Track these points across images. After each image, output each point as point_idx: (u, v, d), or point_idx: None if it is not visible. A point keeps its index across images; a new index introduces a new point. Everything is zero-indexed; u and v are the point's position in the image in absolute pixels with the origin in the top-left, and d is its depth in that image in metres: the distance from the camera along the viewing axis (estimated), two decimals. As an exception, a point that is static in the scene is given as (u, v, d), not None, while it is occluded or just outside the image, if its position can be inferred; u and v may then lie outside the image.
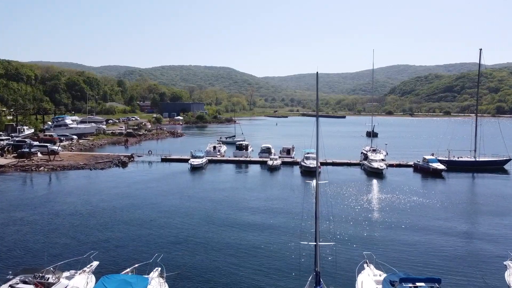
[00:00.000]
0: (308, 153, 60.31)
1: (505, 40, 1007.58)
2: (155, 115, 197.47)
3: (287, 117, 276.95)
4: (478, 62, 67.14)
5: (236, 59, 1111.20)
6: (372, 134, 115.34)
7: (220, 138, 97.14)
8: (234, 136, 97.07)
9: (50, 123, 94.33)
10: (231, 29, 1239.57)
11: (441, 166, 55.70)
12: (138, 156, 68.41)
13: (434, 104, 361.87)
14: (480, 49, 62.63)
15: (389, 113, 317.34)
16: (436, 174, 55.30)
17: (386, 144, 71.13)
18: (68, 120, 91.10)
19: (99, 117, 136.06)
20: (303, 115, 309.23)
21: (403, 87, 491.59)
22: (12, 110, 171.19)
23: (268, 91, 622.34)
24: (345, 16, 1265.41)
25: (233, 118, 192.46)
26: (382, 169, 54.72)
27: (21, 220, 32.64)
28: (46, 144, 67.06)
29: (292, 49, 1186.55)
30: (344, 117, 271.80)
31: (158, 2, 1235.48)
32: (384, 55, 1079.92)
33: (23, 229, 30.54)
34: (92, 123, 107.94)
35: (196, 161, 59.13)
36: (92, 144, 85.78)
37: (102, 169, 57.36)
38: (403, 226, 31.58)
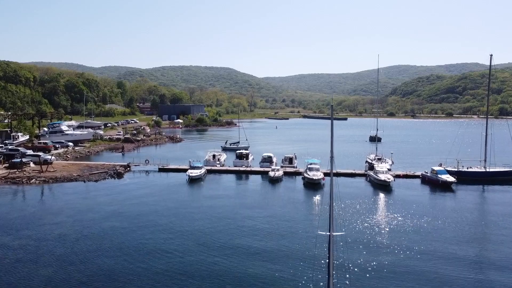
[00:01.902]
0: (311, 164, 57.86)
1: (507, 40, 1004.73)
2: (154, 118, 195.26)
3: (288, 119, 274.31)
4: (479, 62, 65.33)
5: (236, 59, 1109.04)
6: (376, 139, 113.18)
7: (226, 143, 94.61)
8: (238, 142, 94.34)
9: (45, 129, 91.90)
10: (231, 29, 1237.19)
11: (450, 179, 53.12)
12: (135, 165, 65.89)
13: (436, 106, 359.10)
14: (491, 55, 60.26)
15: (391, 114, 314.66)
16: (445, 187, 52.77)
17: (392, 153, 68.58)
18: (64, 126, 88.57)
19: (96, 122, 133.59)
20: (304, 116, 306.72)
21: (404, 88, 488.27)
22: (9, 113, 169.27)
23: (269, 91, 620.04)
24: (345, 16, 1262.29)
25: (234, 121, 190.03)
26: (389, 181, 52.17)
27: (1, 247, 30.18)
28: (38, 154, 64.61)
29: (292, 49, 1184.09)
30: (345, 119, 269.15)
31: (159, 3, 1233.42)
32: (384, 55, 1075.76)
33: (2, 257, 28.06)
34: (89, 129, 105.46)
35: (194, 173, 56.64)
36: (88, 151, 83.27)
37: (96, 181, 54.90)
38: (419, 264, 28.76)
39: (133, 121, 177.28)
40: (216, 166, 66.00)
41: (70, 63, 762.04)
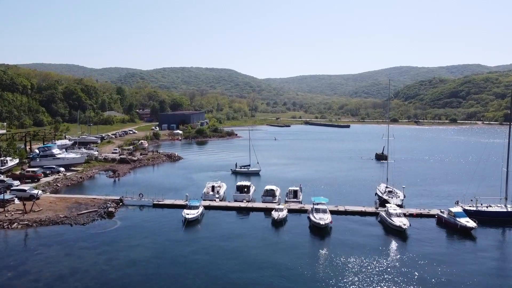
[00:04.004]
0: (317, 204, 53.35)
1: (508, 40, 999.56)
2: (153, 128, 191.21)
3: (289, 126, 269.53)
4: (481, 63, 60.17)
5: (237, 60, 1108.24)
6: (383, 158, 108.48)
7: (236, 166, 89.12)
8: (249, 165, 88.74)
9: (36, 151, 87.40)
10: (231, 29, 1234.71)
11: (470, 224, 48.47)
12: (128, 198, 61.43)
13: (439, 111, 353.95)
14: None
15: (394, 120, 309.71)
16: (464, 233, 48.26)
17: (403, 187, 63.89)
18: (55, 149, 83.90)
19: (92, 137, 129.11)
20: (306, 123, 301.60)
21: (406, 91, 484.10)
22: (5, 124, 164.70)
23: (270, 93, 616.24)
24: (346, 17, 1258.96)
25: (235, 131, 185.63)
26: (404, 228, 47.52)
27: None
28: (24, 188, 60.14)
29: (293, 50, 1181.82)
30: (348, 126, 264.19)
31: (160, 4, 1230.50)
32: (385, 55, 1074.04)
33: None
34: (83, 148, 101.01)
35: (191, 214, 52.15)
36: (81, 177, 78.72)
37: (83, 224, 50.37)
38: None
39: (131, 132, 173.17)
40: (215, 200, 61.63)
41: (71, 65, 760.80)
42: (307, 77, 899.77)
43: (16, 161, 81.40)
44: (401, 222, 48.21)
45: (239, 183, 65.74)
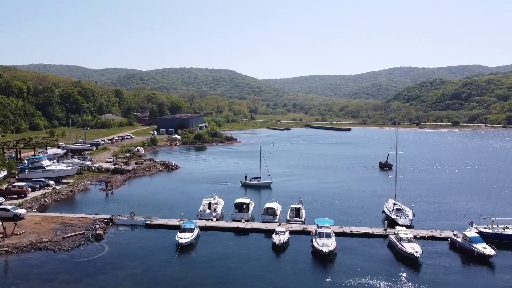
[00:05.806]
0: (321, 227, 49.47)
1: (509, 41, 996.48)
2: (151, 132, 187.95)
3: (290, 129, 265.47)
4: (482, 64, 56.17)
5: (237, 60, 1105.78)
6: (387, 165, 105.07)
7: (245, 178, 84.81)
8: (260, 177, 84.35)
9: (26, 161, 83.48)
10: (232, 30, 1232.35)
11: (488, 251, 44.51)
12: (118, 217, 57.61)
13: (441, 113, 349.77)
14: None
15: (395, 123, 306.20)
16: (481, 260, 44.39)
17: (412, 205, 60.03)
18: (45, 160, 80.00)
19: (86, 144, 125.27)
20: (307, 126, 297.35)
21: (407, 93, 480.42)
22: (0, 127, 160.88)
23: (270, 94, 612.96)
24: (346, 17, 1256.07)
25: (234, 136, 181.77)
26: (416, 256, 43.57)
27: None
28: (7, 207, 56.27)
29: (293, 50, 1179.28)
30: (349, 129, 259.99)
31: (160, 4, 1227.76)
32: (385, 56, 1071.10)
33: None
34: (75, 159, 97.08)
35: (185, 238, 48.33)
36: (71, 191, 74.85)
37: (68, 250, 46.42)
38: None
39: (128, 137, 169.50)
40: (211, 219, 57.75)
41: (71, 65, 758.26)
42: (307, 78, 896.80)
43: (4, 173, 77.54)
44: (413, 249, 44.30)
45: (237, 201, 61.76)
